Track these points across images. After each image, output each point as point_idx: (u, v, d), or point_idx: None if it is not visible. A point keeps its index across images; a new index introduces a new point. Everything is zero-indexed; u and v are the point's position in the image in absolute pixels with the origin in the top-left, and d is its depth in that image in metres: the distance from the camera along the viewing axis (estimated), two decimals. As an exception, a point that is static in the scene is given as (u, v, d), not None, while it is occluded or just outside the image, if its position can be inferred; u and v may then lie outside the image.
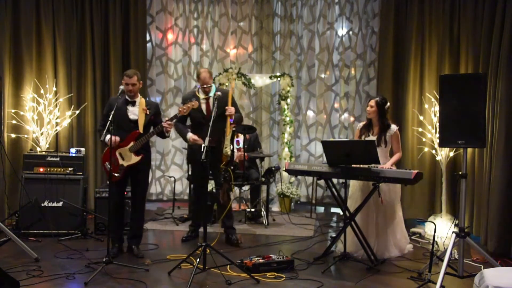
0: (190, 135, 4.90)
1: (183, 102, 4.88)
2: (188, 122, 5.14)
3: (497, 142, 4.78)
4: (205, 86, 4.86)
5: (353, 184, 4.74)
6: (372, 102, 4.65)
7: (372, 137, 4.64)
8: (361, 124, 4.85)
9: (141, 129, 4.47)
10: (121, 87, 4.35)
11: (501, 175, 4.72)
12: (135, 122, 4.49)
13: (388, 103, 4.71)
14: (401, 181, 4.22)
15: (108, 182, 4.51)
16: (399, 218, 4.74)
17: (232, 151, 4.88)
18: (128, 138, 4.43)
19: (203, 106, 4.90)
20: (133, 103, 4.52)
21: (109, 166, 4.37)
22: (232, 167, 4.87)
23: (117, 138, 4.36)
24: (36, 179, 5.31)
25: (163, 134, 4.57)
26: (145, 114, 4.50)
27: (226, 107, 4.77)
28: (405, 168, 5.37)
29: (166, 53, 7.37)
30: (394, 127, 4.64)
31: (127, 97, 4.51)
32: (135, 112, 4.51)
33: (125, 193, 4.75)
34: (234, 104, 4.95)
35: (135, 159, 4.46)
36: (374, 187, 4.28)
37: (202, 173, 4.73)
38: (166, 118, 4.56)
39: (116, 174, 4.42)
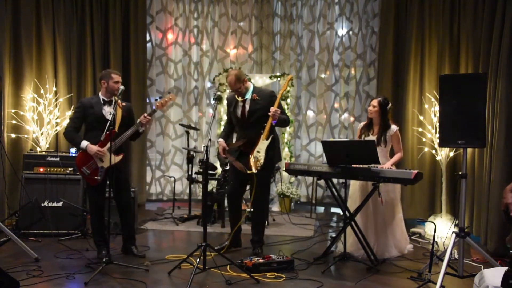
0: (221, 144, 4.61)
1: (227, 103, 4.73)
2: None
3: (497, 142, 4.78)
4: (231, 91, 4.60)
5: (353, 184, 4.74)
6: (375, 102, 4.64)
7: (372, 137, 4.64)
8: (362, 123, 4.85)
9: (116, 128, 4.29)
10: (121, 87, 4.30)
11: (501, 175, 4.72)
12: (113, 121, 4.32)
13: (390, 104, 4.71)
14: (401, 181, 4.21)
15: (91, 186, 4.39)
16: (399, 218, 4.74)
17: (266, 159, 4.43)
18: (105, 139, 4.23)
19: (239, 110, 4.60)
20: (110, 103, 4.39)
21: (87, 171, 4.28)
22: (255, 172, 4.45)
23: (95, 149, 4.25)
24: (36, 179, 5.31)
25: (138, 133, 4.45)
26: (122, 113, 4.38)
27: (271, 107, 4.38)
28: (405, 168, 5.37)
29: (166, 53, 7.38)
30: (394, 127, 4.64)
31: (103, 97, 4.40)
32: (111, 110, 4.32)
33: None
34: (279, 106, 4.48)
35: (116, 159, 4.32)
36: (374, 187, 4.27)
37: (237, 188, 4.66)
38: (145, 114, 4.40)
39: (97, 178, 4.25)
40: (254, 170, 4.40)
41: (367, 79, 7.10)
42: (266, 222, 5.89)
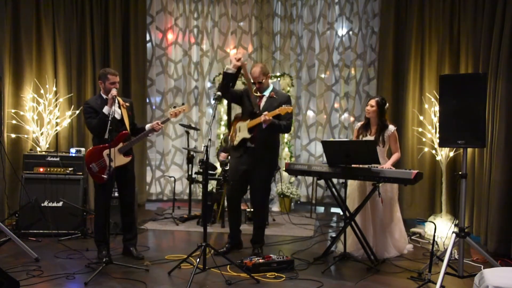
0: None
1: (243, 92, 4.64)
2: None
3: (497, 142, 4.78)
4: (253, 82, 4.52)
5: (351, 183, 4.74)
6: (373, 102, 4.64)
7: (370, 137, 4.64)
8: (359, 124, 4.84)
9: (128, 129, 4.39)
10: (114, 90, 4.25)
11: (501, 175, 4.72)
12: (121, 120, 4.39)
13: (387, 104, 4.72)
14: (401, 181, 4.21)
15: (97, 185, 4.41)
16: (397, 218, 4.74)
17: (267, 159, 4.54)
18: (116, 139, 4.30)
19: (255, 101, 4.52)
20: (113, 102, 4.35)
21: (96, 168, 4.30)
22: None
23: (113, 92, 4.20)
24: (36, 179, 5.30)
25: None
26: (127, 112, 4.42)
27: (265, 113, 4.32)
28: (405, 168, 5.37)
29: (166, 53, 7.38)
30: (391, 127, 4.64)
31: (105, 97, 4.37)
32: (118, 111, 4.39)
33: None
34: (288, 114, 4.42)
35: (124, 160, 4.37)
36: (374, 187, 4.28)
37: (238, 188, 4.62)
38: (158, 121, 4.46)
39: (104, 176, 4.26)
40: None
41: (367, 79, 7.10)
42: (266, 222, 5.90)
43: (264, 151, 4.51)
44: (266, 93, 4.58)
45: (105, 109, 4.26)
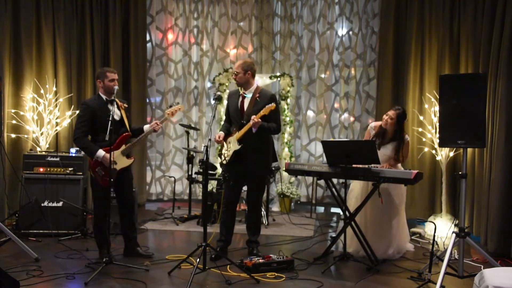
0: (218, 134, 4.53)
1: (229, 98, 4.70)
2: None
3: (497, 142, 4.78)
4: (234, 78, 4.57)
5: (355, 185, 4.73)
6: (393, 114, 4.52)
7: (389, 146, 4.57)
8: (373, 124, 4.77)
9: (128, 130, 4.40)
10: (116, 87, 4.28)
11: (501, 175, 4.72)
12: (120, 122, 4.38)
13: (407, 117, 4.67)
14: (401, 181, 4.22)
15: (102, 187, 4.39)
16: (403, 219, 4.73)
17: (260, 160, 4.51)
18: (119, 141, 4.30)
19: (239, 105, 4.51)
20: (112, 102, 4.32)
21: (102, 172, 4.28)
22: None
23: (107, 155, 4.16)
24: (36, 179, 5.30)
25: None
26: (125, 112, 4.43)
27: (253, 116, 4.28)
28: (405, 168, 5.37)
29: (166, 53, 7.38)
30: (407, 137, 4.61)
31: (105, 97, 4.36)
32: (117, 112, 4.37)
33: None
34: (275, 112, 4.41)
35: (127, 161, 4.40)
36: (374, 187, 4.28)
37: (234, 188, 4.56)
38: (157, 121, 4.47)
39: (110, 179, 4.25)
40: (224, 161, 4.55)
41: (367, 79, 7.10)
42: (266, 222, 5.90)
43: (254, 153, 4.44)
44: (249, 95, 4.50)
45: (99, 153, 4.22)
